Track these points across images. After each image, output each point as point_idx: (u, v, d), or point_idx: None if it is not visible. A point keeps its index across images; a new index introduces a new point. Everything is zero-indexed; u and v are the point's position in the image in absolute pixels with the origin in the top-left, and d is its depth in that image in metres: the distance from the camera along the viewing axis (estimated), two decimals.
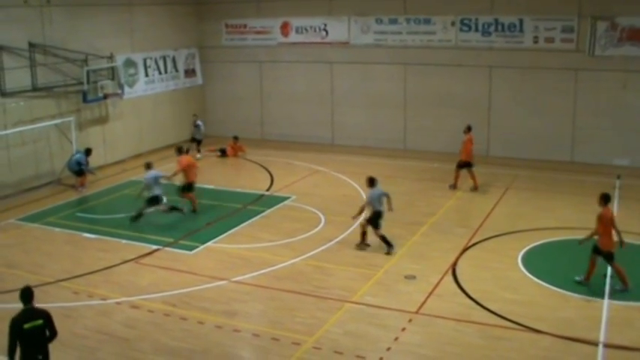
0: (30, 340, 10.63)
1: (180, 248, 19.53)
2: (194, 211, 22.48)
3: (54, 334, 10.98)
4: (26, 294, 10.82)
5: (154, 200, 21.58)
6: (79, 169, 25.61)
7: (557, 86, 28.43)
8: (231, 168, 29.20)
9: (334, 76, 32.78)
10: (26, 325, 10.55)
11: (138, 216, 21.57)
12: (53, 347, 13.61)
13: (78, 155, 25.72)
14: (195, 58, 35.03)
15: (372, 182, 19.06)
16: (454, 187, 24.79)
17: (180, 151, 23.18)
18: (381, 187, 19.21)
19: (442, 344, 13.76)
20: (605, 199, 16.12)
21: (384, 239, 18.75)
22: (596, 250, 16.03)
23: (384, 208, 19.01)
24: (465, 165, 24.73)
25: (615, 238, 15.83)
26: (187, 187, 22.61)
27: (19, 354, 10.62)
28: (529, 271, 17.28)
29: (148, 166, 21.92)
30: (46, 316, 10.84)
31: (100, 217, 22.72)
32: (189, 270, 17.80)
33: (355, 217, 19.31)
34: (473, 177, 24.72)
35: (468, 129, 24.92)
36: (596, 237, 16.05)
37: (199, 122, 31.26)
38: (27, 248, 19.73)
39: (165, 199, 21.84)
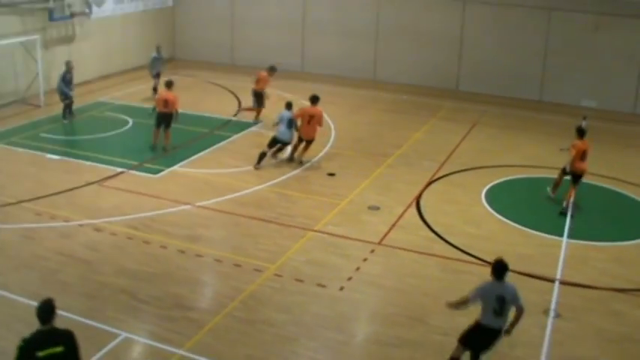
0: None
1: (145, 171, 19.41)
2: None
3: None
4: (45, 309, 8.09)
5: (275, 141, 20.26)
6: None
7: (530, 24, 28.29)
8: (199, 92, 28.80)
9: (307, 3, 32.30)
10: (41, 353, 7.84)
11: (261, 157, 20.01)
12: (13, 268, 13.61)
13: None
14: None
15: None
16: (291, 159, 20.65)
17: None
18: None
19: (403, 275, 13.95)
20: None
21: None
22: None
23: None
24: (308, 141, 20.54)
25: None
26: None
27: None
28: (492, 207, 17.48)
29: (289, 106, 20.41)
30: (68, 340, 8.11)
31: (65, 138, 22.49)
32: (153, 194, 17.71)
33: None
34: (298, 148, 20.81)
35: (316, 99, 20.40)
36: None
37: (163, 54, 27.94)
38: None
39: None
